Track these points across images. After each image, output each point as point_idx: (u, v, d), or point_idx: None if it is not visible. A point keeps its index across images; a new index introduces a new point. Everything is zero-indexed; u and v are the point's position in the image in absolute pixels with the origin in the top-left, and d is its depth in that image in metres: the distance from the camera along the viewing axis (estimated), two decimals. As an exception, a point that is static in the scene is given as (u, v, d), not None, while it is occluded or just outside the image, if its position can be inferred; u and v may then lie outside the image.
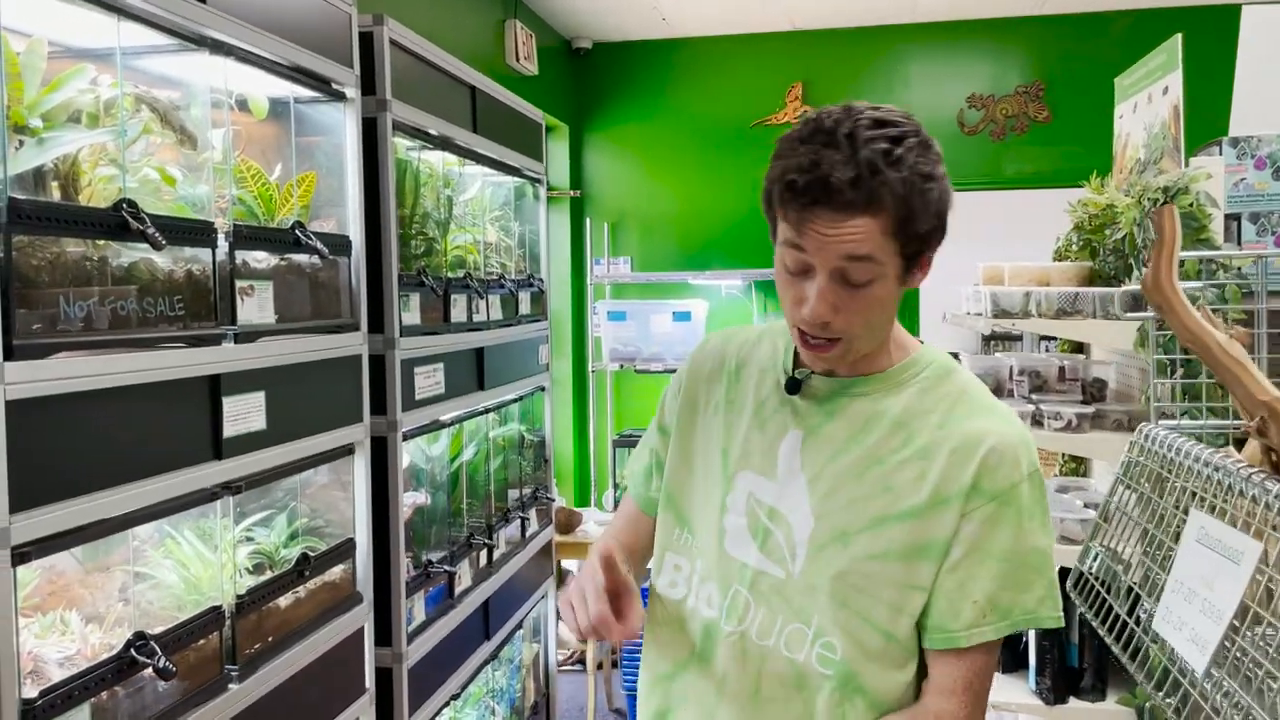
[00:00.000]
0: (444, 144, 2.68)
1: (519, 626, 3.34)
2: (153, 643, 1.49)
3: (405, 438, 2.40)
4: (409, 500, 2.59)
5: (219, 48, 1.68)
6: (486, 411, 3.03)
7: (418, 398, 2.46)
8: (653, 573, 1.46)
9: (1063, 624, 1.21)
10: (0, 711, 1.21)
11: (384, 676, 2.34)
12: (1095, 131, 3.80)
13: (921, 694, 1.26)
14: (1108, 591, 1.26)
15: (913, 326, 6.01)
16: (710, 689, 1.33)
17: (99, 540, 1.63)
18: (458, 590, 2.71)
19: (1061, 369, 2.71)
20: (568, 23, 5.96)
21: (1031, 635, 2.44)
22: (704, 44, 6.29)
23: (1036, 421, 2.47)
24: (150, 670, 1.47)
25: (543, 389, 3.59)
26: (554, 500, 3.66)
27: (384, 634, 2.33)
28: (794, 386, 1.32)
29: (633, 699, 4.13)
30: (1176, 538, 1.05)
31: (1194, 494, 1.02)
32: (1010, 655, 2.54)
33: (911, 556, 1.21)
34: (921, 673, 1.27)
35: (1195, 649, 0.93)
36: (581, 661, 4.57)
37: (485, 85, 2.96)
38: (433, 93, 2.58)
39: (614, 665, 4.39)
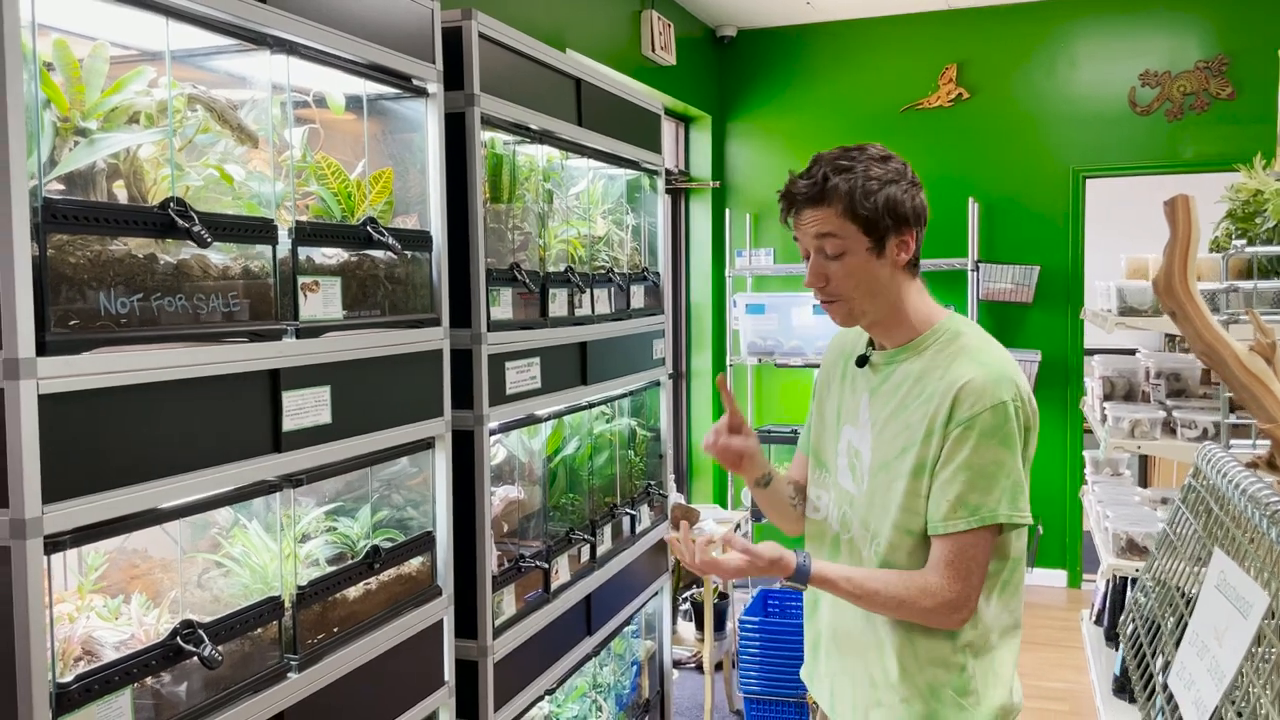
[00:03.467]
0: (544, 137, 2.66)
1: (628, 622, 3.30)
2: (200, 630, 1.52)
3: (493, 432, 2.39)
4: (500, 494, 2.59)
5: (281, 46, 1.70)
6: (591, 406, 3.00)
7: (509, 392, 2.45)
8: (808, 505, 1.93)
9: (1022, 523, 1.64)
10: (31, 696, 1.26)
11: (469, 669, 2.35)
12: None
13: None
14: (1149, 627, 1.10)
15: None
16: (827, 626, 1.87)
17: (177, 528, 1.69)
18: (554, 585, 2.69)
19: (1206, 372, 2.45)
20: (711, 11, 5.87)
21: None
22: (851, 27, 6.09)
23: (1169, 430, 2.24)
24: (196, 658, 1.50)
25: (658, 383, 3.54)
26: (668, 496, 3.61)
27: (469, 627, 2.34)
28: (862, 361, 1.83)
29: (750, 701, 4.04)
30: (1220, 579, 0.90)
31: (1227, 529, 0.87)
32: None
33: (918, 474, 1.68)
34: None
35: (1195, 713, 0.78)
36: (700, 665, 4.51)
37: (593, 77, 2.92)
38: (530, 86, 2.56)
39: (733, 665, 4.30)
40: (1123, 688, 2.41)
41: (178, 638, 1.49)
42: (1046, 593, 5.81)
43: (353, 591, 1.92)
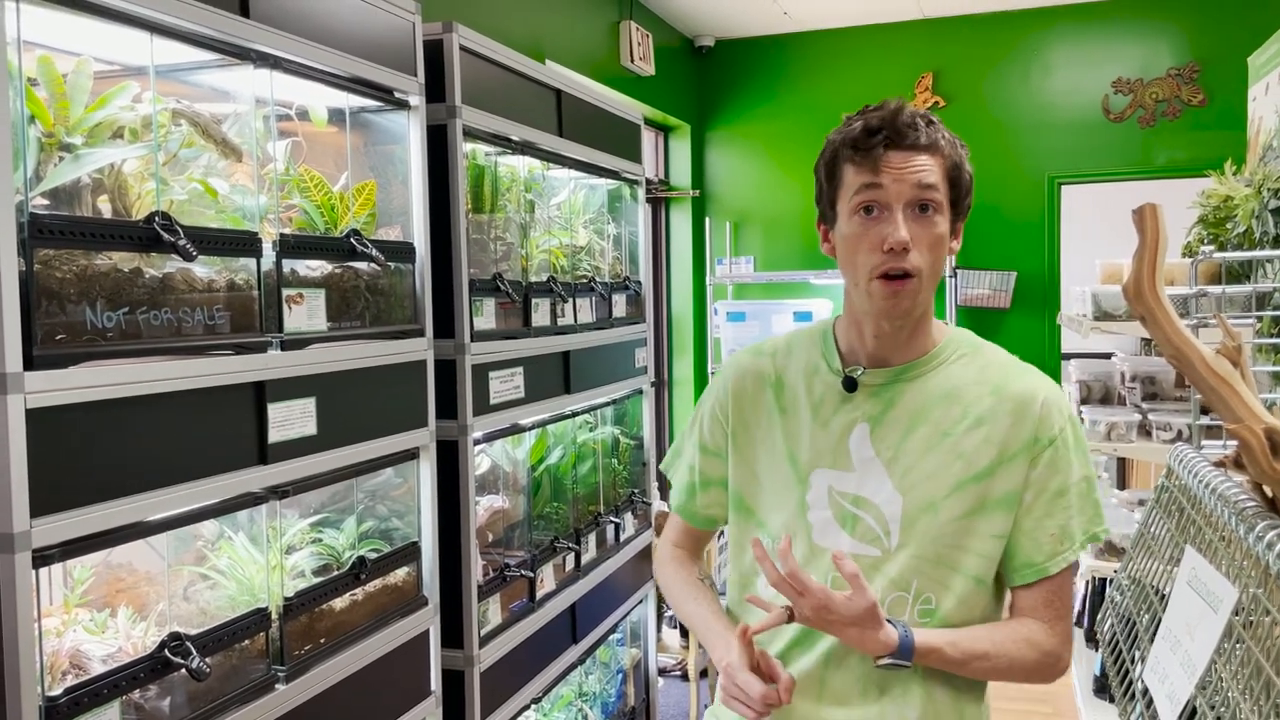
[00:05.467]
0: (525, 148, 2.68)
1: (613, 631, 3.32)
2: (188, 643, 1.52)
3: (477, 442, 2.40)
4: (485, 504, 2.60)
5: (264, 60, 1.71)
6: (574, 415, 3.02)
7: (493, 402, 2.47)
8: (743, 580, 1.56)
9: (1110, 533, 1.48)
10: (21, 709, 1.26)
11: (455, 679, 2.35)
12: (1242, 115, 3.50)
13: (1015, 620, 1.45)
14: (1125, 626, 1.13)
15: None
16: (818, 668, 1.44)
17: (164, 541, 1.70)
18: (540, 594, 2.70)
19: (1181, 375, 2.49)
20: (689, 22, 5.91)
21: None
22: (828, 37, 6.14)
23: (1145, 432, 2.28)
24: (184, 671, 1.51)
25: (640, 392, 3.56)
26: (651, 504, 3.62)
27: (455, 637, 2.34)
28: (851, 384, 1.46)
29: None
30: (1193, 577, 0.93)
31: (1198, 526, 0.90)
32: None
33: (993, 509, 1.39)
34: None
35: (1169, 707, 0.81)
36: (684, 673, 4.53)
37: (573, 88, 2.94)
38: (511, 98, 2.58)
39: (718, 673, 4.31)
40: (1103, 688, 2.45)
41: (165, 650, 1.50)
42: (1027, 595, 5.84)
43: (339, 602, 1.93)
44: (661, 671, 4.63)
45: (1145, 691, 0.91)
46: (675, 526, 1.70)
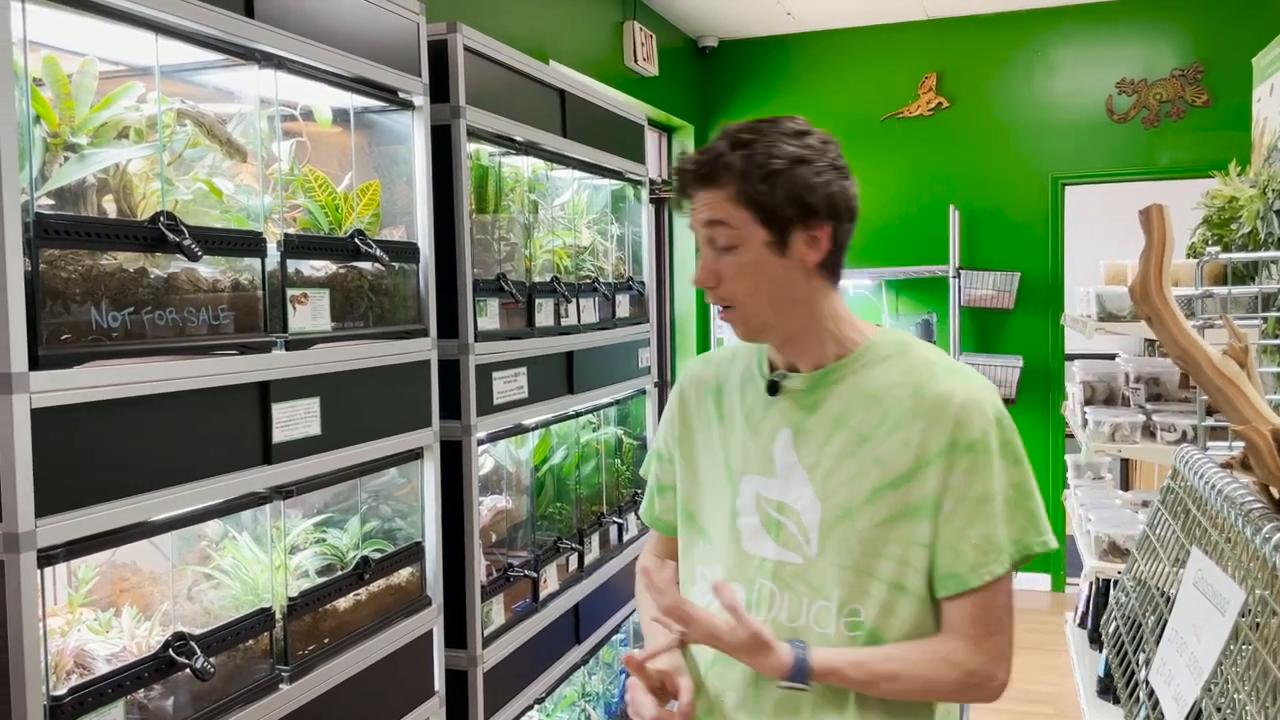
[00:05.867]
0: (529, 149, 2.68)
1: (616, 631, 3.32)
2: (192, 643, 1.53)
3: (481, 442, 2.40)
4: (489, 504, 2.60)
5: (268, 60, 1.71)
6: (577, 415, 3.02)
7: (497, 402, 2.47)
8: (683, 585, 1.54)
9: (1051, 547, 1.31)
10: (25, 709, 1.26)
11: (459, 679, 2.35)
12: (1245, 116, 3.49)
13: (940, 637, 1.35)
14: (1130, 627, 1.13)
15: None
16: (748, 676, 1.38)
17: (167, 541, 1.70)
18: (543, 594, 2.70)
19: (1185, 376, 2.49)
20: (693, 22, 5.91)
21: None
22: (831, 37, 6.14)
23: (1149, 433, 2.27)
24: (189, 670, 1.51)
25: (643, 392, 3.56)
26: (655, 505, 3.62)
27: (458, 637, 2.34)
28: (773, 388, 1.43)
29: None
30: (1199, 578, 0.93)
31: (1204, 528, 0.89)
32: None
33: (911, 516, 1.32)
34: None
35: (1175, 709, 0.81)
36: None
37: (577, 88, 2.94)
38: (515, 98, 2.58)
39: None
40: (1107, 689, 2.44)
41: (170, 650, 1.50)
42: (1030, 596, 5.85)
43: (343, 602, 1.93)
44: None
45: (1151, 693, 0.91)
46: (650, 534, 1.71)
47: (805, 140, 1.34)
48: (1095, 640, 2.82)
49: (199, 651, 1.53)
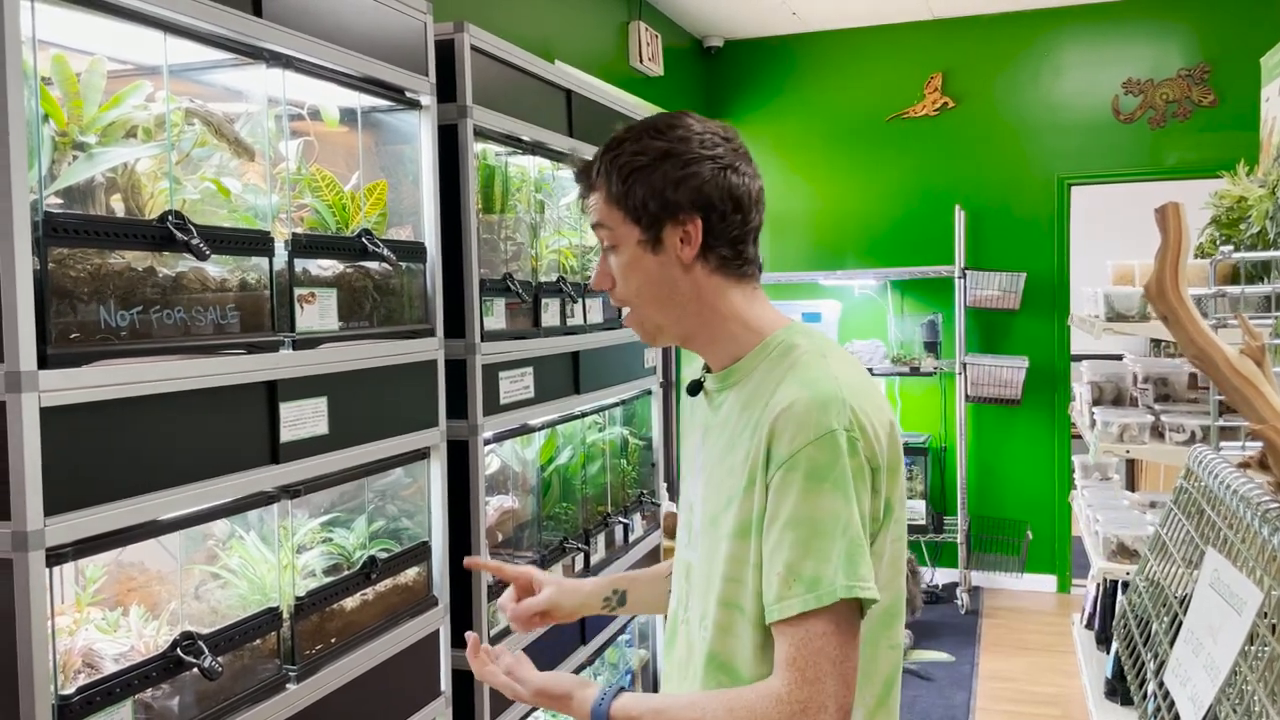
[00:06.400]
0: (535, 148, 2.67)
1: (622, 631, 3.31)
2: (200, 642, 1.52)
3: (487, 442, 2.40)
4: (495, 504, 2.60)
5: (276, 60, 1.71)
6: (584, 415, 3.01)
7: (503, 402, 2.47)
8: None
9: (874, 596, 1.15)
10: (34, 708, 1.26)
11: (465, 679, 2.35)
12: (1252, 115, 3.48)
13: None
14: (1142, 628, 1.12)
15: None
16: (674, 679, 1.40)
17: (174, 540, 1.70)
18: (549, 595, 2.70)
19: (1193, 376, 2.48)
20: (698, 22, 5.91)
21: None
22: (836, 37, 6.13)
23: (1157, 434, 2.27)
24: (196, 670, 1.51)
25: (649, 392, 3.56)
26: (660, 505, 3.62)
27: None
28: (694, 389, 1.44)
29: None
30: (1214, 579, 0.92)
31: (1218, 528, 0.89)
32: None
33: (743, 534, 1.25)
34: None
35: (1192, 710, 0.80)
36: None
37: (583, 88, 2.94)
38: (521, 98, 2.58)
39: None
40: (1114, 691, 2.44)
41: (178, 649, 1.50)
42: (1037, 598, 5.84)
43: (350, 602, 1.93)
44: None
45: (1166, 694, 0.90)
46: None
47: (674, 134, 1.31)
48: (1102, 641, 2.81)
49: (206, 651, 1.53)
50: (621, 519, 3.21)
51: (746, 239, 1.35)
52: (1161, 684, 0.90)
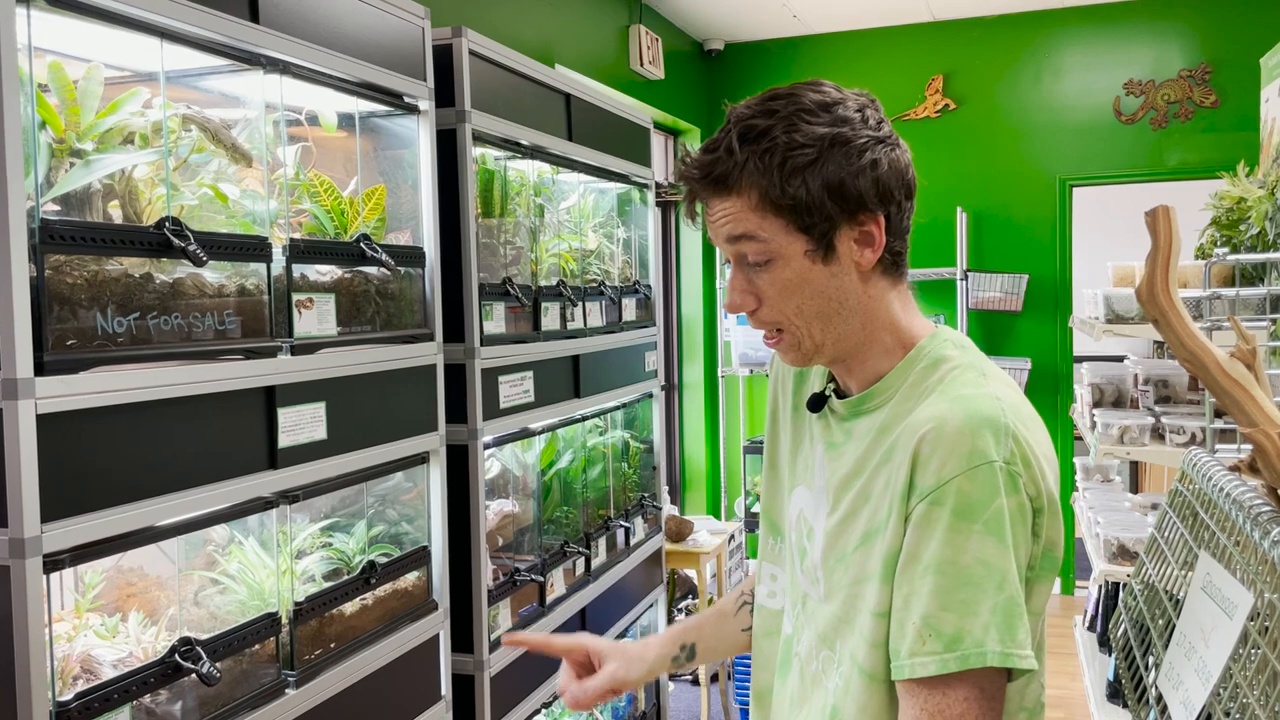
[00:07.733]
0: (535, 153, 2.68)
1: (624, 635, 3.31)
2: (199, 648, 1.52)
3: (487, 446, 2.40)
4: (495, 508, 2.60)
5: (273, 65, 1.71)
6: (584, 419, 3.01)
7: (503, 406, 2.47)
8: (757, 581, 1.36)
9: (1031, 666, 0.97)
10: (32, 714, 1.26)
11: (465, 683, 2.35)
12: (1253, 116, 3.47)
13: None
14: (1139, 631, 1.12)
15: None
16: (785, 711, 1.22)
17: (173, 546, 1.70)
18: (550, 598, 2.70)
19: (1194, 378, 2.48)
20: (698, 25, 5.91)
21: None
22: (837, 40, 6.13)
23: (1158, 436, 2.26)
24: (195, 675, 1.51)
25: (650, 395, 3.55)
26: (661, 508, 3.62)
27: (465, 641, 2.34)
28: (815, 404, 1.22)
29: (746, 714, 4.04)
30: (1208, 582, 0.92)
31: (1212, 532, 0.89)
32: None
33: (886, 578, 1.04)
34: None
35: (1184, 713, 0.80)
36: (695, 678, 4.52)
37: (582, 92, 2.94)
38: (520, 102, 2.58)
39: (729, 677, 4.31)
40: (1116, 693, 2.43)
41: (176, 655, 1.50)
42: (1040, 600, 5.82)
43: (349, 607, 1.93)
44: (672, 676, 4.62)
45: (1159, 698, 0.90)
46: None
47: (835, 112, 1.08)
48: (1105, 644, 2.81)
49: (205, 656, 1.53)
50: (623, 523, 3.21)
51: (907, 231, 1.14)
52: (1156, 687, 0.90)
